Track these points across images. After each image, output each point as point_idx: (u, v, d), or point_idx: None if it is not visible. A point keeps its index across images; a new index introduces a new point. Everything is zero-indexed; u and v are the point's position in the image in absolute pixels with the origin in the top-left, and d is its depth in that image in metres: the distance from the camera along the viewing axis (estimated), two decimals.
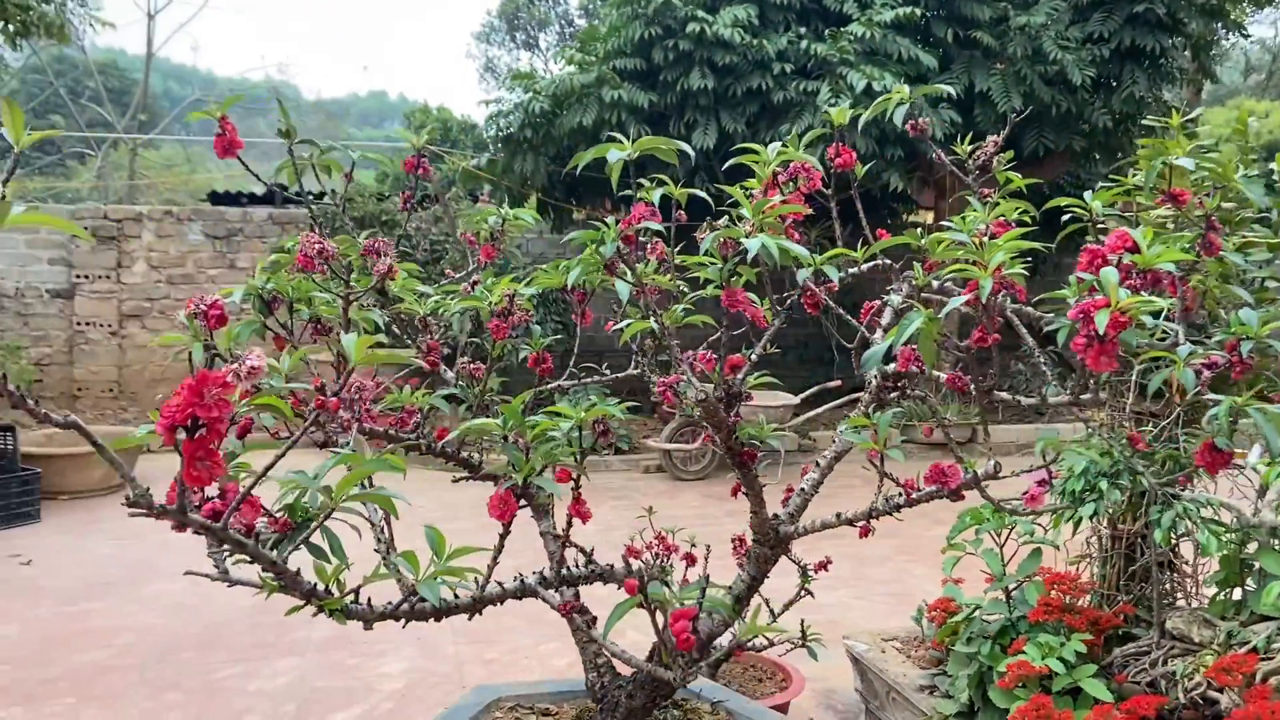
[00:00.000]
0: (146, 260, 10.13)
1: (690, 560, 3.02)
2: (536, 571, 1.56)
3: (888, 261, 2.00)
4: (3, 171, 0.90)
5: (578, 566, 1.63)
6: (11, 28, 8.42)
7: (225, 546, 1.07)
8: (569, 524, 1.59)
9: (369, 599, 1.29)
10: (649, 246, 1.65)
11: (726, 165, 1.79)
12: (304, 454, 1.26)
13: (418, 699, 3.92)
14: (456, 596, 1.38)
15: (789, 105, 8.07)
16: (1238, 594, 2.75)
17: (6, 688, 3.90)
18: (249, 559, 1.11)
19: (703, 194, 1.85)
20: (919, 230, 1.79)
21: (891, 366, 1.81)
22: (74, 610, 4.83)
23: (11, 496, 6.31)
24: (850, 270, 1.86)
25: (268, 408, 1.23)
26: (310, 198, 2.15)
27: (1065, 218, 2.02)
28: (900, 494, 1.67)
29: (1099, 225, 2.01)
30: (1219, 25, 9.47)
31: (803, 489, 1.93)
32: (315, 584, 1.22)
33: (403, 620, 1.30)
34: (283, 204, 11.07)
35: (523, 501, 1.52)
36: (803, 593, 2.63)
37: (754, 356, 1.65)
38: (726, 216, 1.63)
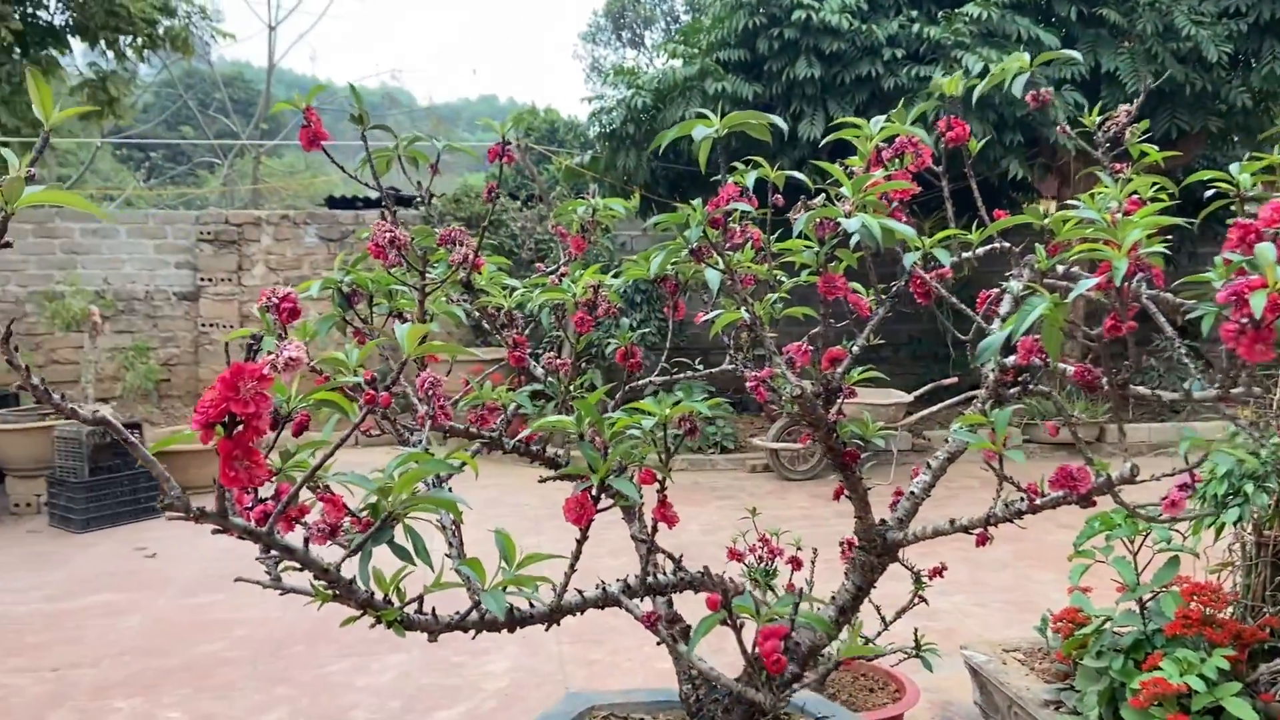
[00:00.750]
0: (265, 263, 10.49)
1: (796, 564, 2.88)
2: (621, 579, 1.45)
3: (1006, 245, 1.82)
4: (32, 152, 0.85)
5: (665, 573, 1.52)
6: (139, 41, 8.80)
7: (273, 552, 1.00)
8: (654, 529, 1.49)
9: (434, 609, 1.21)
10: (742, 232, 1.53)
11: (825, 141, 1.65)
12: (388, 452, 1.18)
13: (520, 699, 3.88)
14: (533, 605, 1.29)
15: (900, 92, 7.78)
16: None
17: (129, 678, 4.03)
18: (299, 566, 1.04)
19: (801, 176, 1.72)
20: (1041, 209, 1.62)
21: (1011, 359, 1.64)
22: (193, 602, 4.98)
23: (139, 491, 6.58)
24: (964, 254, 1.69)
25: (328, 403, 1.16)
26: (417, 199, 2.10)
27: (1209, 193, 1.80)
28: (1022, 499, 1.50)
29: (1246, 203, 1.79)
30: None
31: (912, 492, 1.78)
32: (372, 593, 1.14)
33: (471, 631, 1.22)
34: (395, 204, 11.31)
35: (607, 503, 1.42)
36: (916, 600, 2.46)
37: (855, 349, 1.51)
38: (824, 196, 1.50)
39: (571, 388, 1.95)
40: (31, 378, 0.83)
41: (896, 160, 1.57)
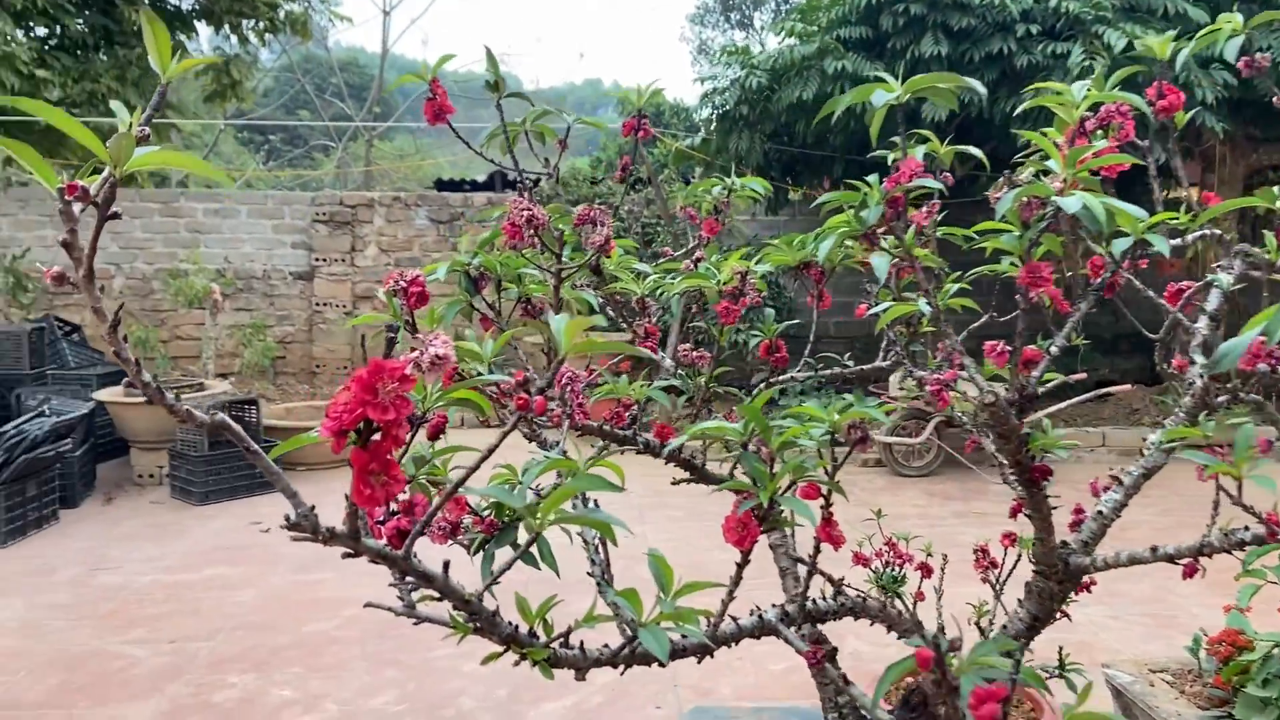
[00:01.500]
0: (377, 244, 10.63)
1: (926, 570, 2.67)
2: (776, 605, 1.29)
3: (1216, 232, 1.58)
4: (147, 110, 0.73)
5: (824, 598, 1.36)
6: (261, 25, 8.97)
7: (409, 579, 0.88)
8: (817, 549, 1.32)
9: (581, 643, 1.07)
10: (928, 213, 1.34)
11: (1019, 111, 1.44)
12: (510, 448, 1.05)
13: (627, 694, 3.76)
14: (685, 636, 1.14)
15: (1034, 70, 7.35)
16: None
17: (242, 653, 4.06)
18: (438, 595, 0.91)
19: (976, 152, 1.51)
20: (1275, 190, 1.38)
21: (1201, 360, 1.41)
22: (305, 579, 5.02)
23: (254, 467, 6.69)
24: (1173, 242, 1.47)
25: (464, 402, 1.02)
26: (526, 179, 1.97)
27: None
28: (1249, 529, 1.28)
29: None
30: None
31: (1100, 511, 1.56)
32: (516, 626, 1.00)
33: (621, 667, 1.08)
34: (502, 188, 11.33)
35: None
36: (1059, 615, 2.23)
37: (1054, 350, 1.31)
38: (1006, 177, 1.30)
39: (708, 384, 1.79)
40: (142, 374, 0.72)
41: (1103, 132, 1.36)
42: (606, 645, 1.12)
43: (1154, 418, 8.94)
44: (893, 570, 2.80)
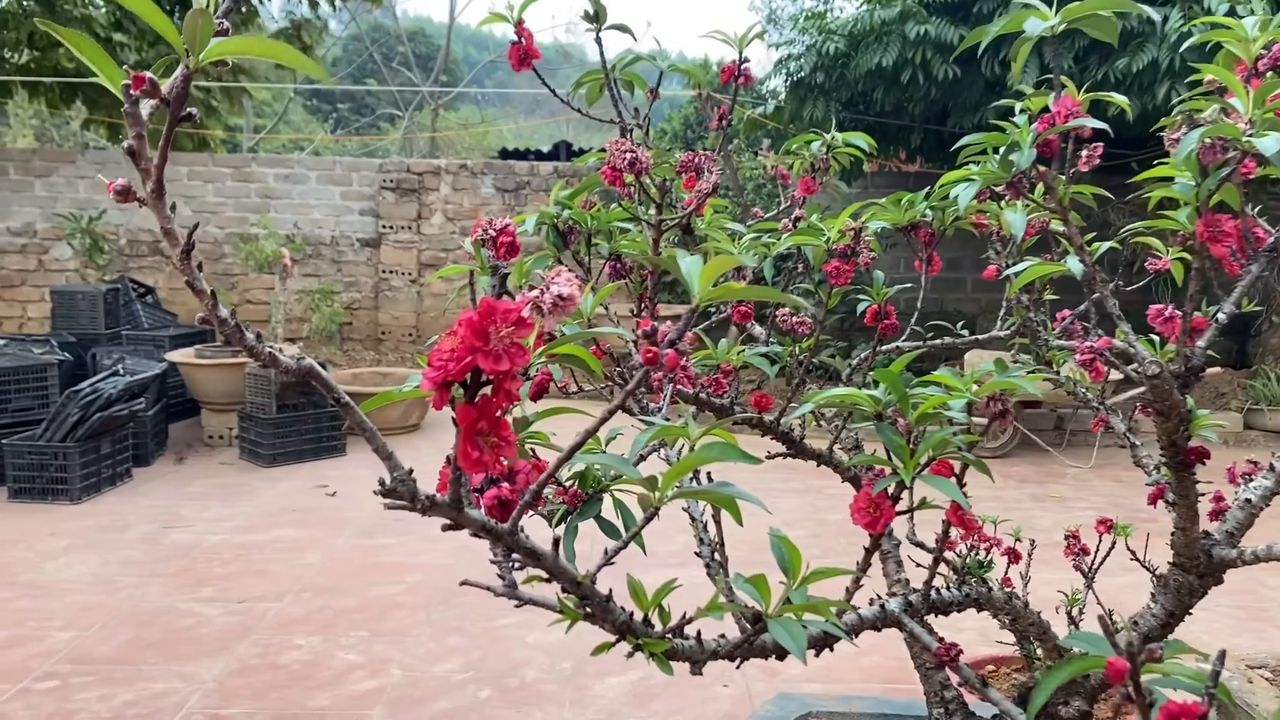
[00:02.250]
0: (443, 211, 10.61)
1: (1013, 556, 2.53)
2: (900, 594, 1.17)
3: None
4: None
5: (949, 588, 1.23)
6: None
7: (514, 555, 0.77)
8: (945, 533, 1.19)
9: (699, 633, 0.96)
10: (1087, 160, 1.19)
11: (1188, 44, 1.28)
12: (578, 415, 0.95)
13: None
14: (805, 628, 1.02)
15: (1128, 37, 7.00)
16: None
17: (308, 615, 4.05)
18: (545, 575, 0.80)
19: (1121, 99, 1.36)
20: None
21: None
22: (369, 544, 5.01)
23: (322, 430, 6.74)
24: None
25: (567, 359, 0.91)
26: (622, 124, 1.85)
27: None
28: None
29: None
30: None
31: (1248, 500, 1.41)
32: (631, 613, 0.90)
33: (738, 659, 0.97)
34: (567, 157, 11.23)
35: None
36: (1191, 611, 2.08)
37: (1222, 317, 1.16)
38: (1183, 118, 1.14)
39: (812, 352, 1.66)
40: (219, 309, 0.62)
41: (1274, 74, 1.19)
42: (723, 636, 1.01)
43: (1241, 402, 8.56)
44: (977, 555, 2.68)
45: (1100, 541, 2.30)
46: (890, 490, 1.00)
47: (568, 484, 1.73)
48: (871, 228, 1.49)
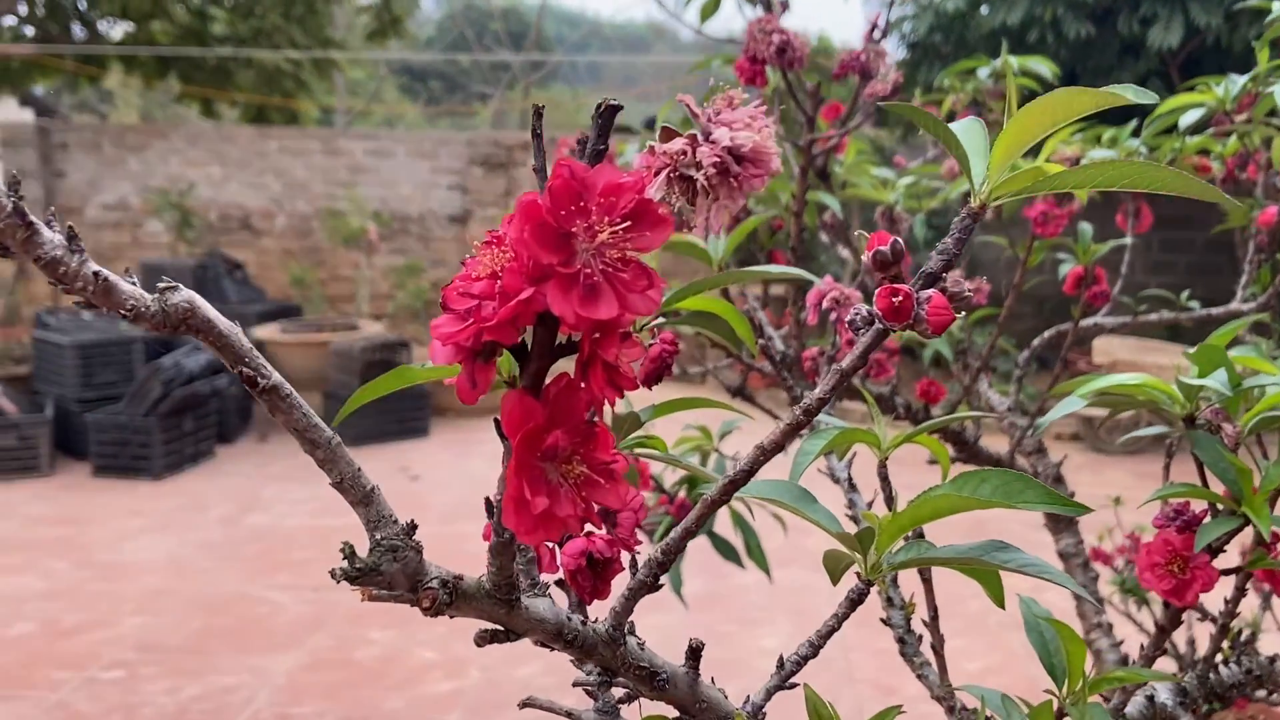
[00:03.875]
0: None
1: None
2: (1174, 683, 0.78)
3: None
4: None
5: (1227, 665, 0.84)
6: None
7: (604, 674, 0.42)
8: (1239, 593, 0.81)
9: None
10: None
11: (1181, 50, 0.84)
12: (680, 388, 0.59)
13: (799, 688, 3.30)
14: None
15: None
16: None
17: (384, 608, 3.81)
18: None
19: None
20: None
21: None
22: (450, 532, 4.78)
23: (405, 411, 6.53)
24: None
25: (705, 316, 0.55)
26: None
27: None
28: None
29: None
30: None
31: None
32: None
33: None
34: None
35: None
36: None
37: None
38: None
39: (995, 338, 1.27)
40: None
41: None
42: None
43: None
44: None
45: None
46: (1212, 540, 0.62)
47: (672, 491, 1.36)
48: (1094, 157, 1.09)
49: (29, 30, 8.59)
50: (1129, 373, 0.79)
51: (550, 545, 0.48)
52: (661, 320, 0.55)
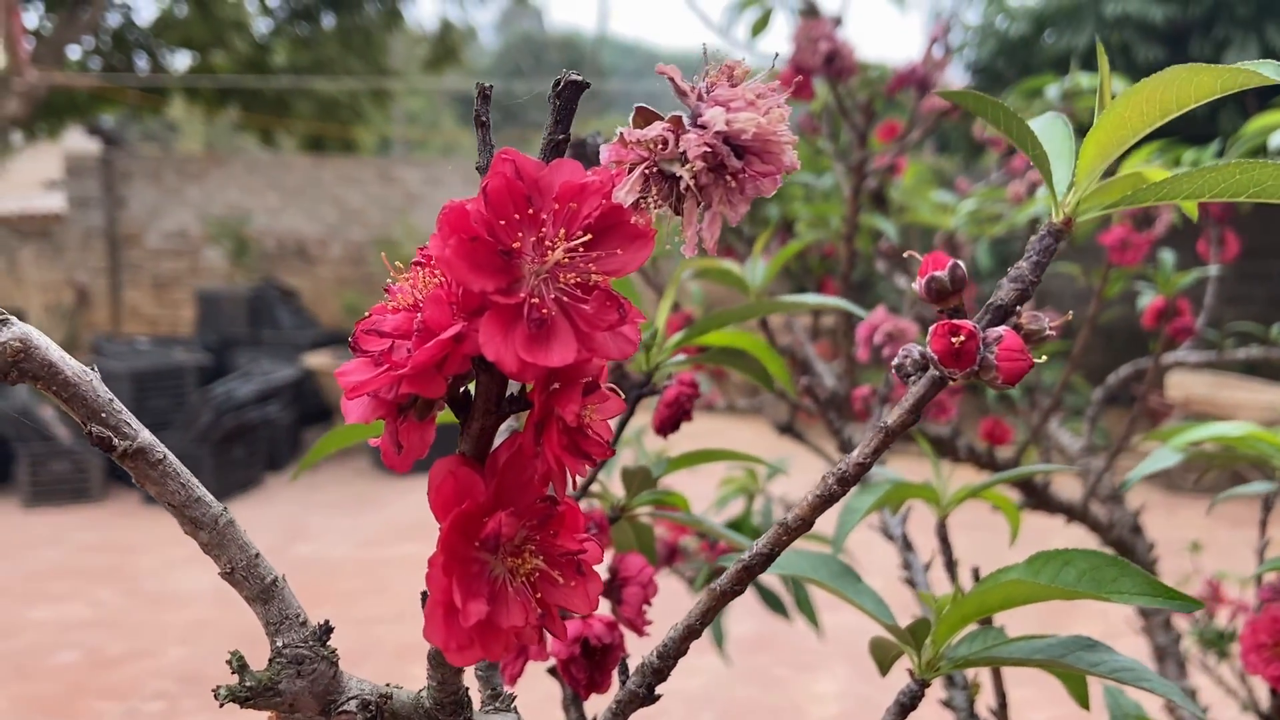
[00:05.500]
0: None
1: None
2: None
3: None
4: None
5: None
6: None
7: None
8: None
9: None
10: None
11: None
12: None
13: None
14: None
15: None
16: None
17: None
18: None
19: None
20: None
21: None
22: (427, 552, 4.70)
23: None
24: None
25: (731, 355, 0.46)
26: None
27: None
28: None
29: None
30: None
31: None
32: None
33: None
34: None
35: None
36: None
37: None
38: None
39: (1065, 381, 1.15)
40: None
41: None
42: None
43: None
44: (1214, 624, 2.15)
45: None
46: None
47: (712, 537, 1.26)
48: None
49: (95, 62, 8.83)
50: (1226, 422, 0.69)
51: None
52: (681, 358, 0.46)
